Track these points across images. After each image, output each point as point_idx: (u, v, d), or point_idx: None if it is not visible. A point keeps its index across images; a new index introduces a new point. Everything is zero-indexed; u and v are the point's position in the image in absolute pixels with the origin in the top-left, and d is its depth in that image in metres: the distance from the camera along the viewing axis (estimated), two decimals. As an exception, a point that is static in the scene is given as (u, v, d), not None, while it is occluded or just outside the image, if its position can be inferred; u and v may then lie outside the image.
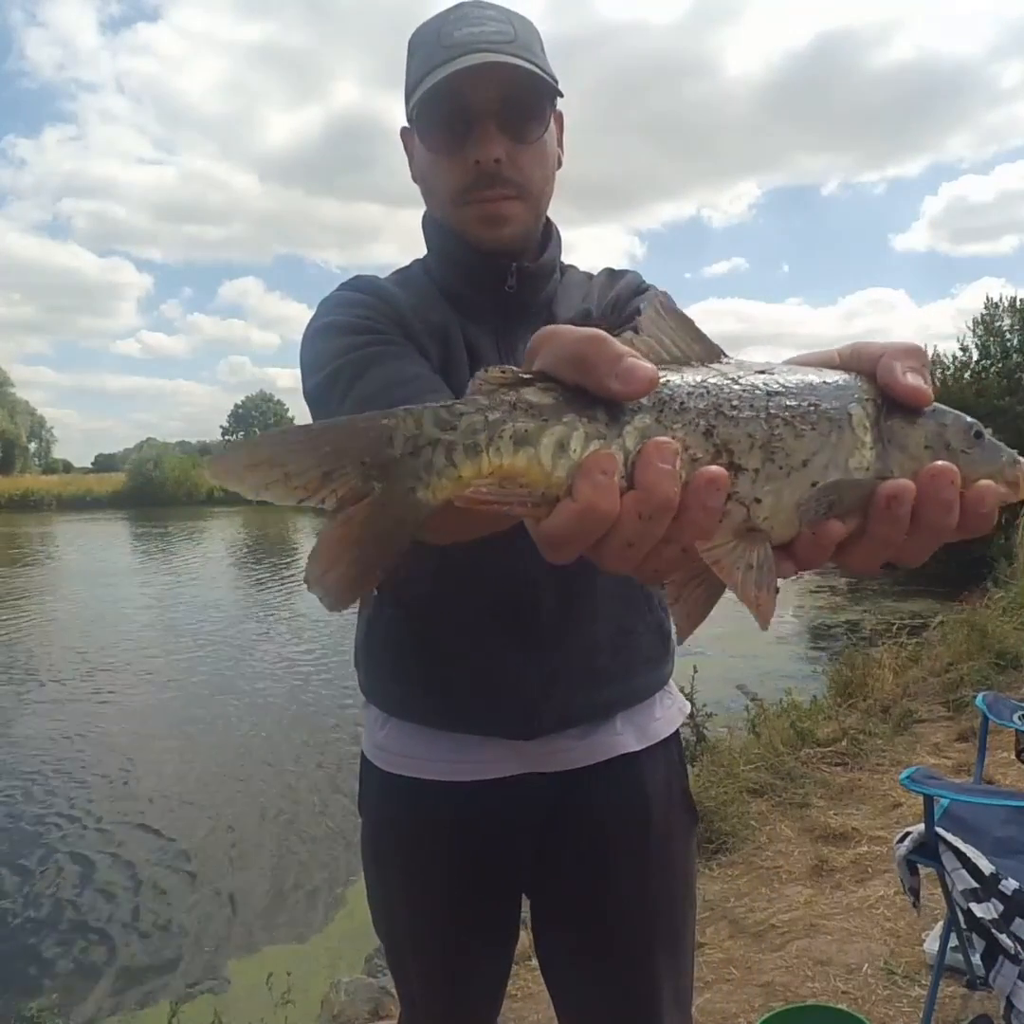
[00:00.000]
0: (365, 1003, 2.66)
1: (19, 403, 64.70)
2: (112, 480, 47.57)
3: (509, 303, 0.99)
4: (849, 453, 0.45)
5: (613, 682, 1.02)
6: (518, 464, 0.41)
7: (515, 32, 0.91)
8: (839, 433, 0.45)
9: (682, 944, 1.10)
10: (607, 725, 1.04)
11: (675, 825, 1.09)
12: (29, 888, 4.08)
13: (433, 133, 0.94)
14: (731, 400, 0.44)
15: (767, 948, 2.52)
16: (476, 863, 1.06)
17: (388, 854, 1.12)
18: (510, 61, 0.88)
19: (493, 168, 0.91)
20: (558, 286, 1.04)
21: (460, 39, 0.89)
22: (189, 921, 3.75)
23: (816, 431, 0.45)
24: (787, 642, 8.79)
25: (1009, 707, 2.40)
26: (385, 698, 1.09)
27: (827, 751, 3.83)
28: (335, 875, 4.05)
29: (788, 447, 0.44)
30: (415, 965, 1.12)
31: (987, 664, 4.81)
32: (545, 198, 0.99)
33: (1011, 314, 12.72)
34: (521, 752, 1.01)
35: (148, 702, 7.19)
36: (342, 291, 0.99)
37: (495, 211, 0.94)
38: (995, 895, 1.68)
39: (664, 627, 1.07)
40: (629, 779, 1.04)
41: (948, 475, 0.45)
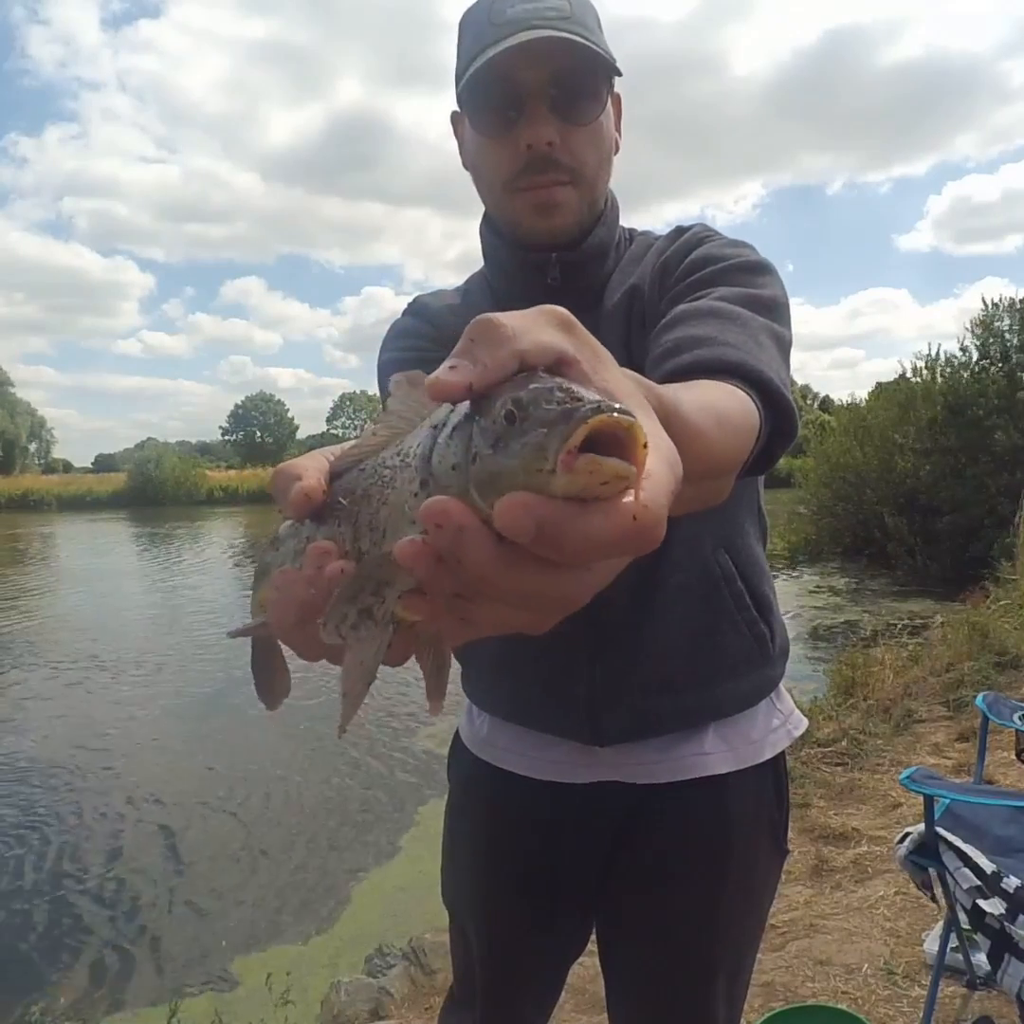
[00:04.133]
0: (365, 1003, 2.66)
1: (19, 403, 64.72)
2: (112, 480, 47.51)
3: (556, 295, 0.94)
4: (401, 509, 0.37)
5: (691, 688, 0.96)
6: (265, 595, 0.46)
7: (571, 7, 0.86)
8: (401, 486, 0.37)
9: (740, 978, 1.06)
10: (694, 740, 0.97)
11: (757, 859, 1.02)
12: (28, 887, 4.08)
13: (482, 116, 0.89)
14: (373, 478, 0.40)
15: (767, 948, 2.52)
16: (546, 862, 1.04)
17: (465, 830, 1.13)
18: (564, 36, 0.83)
19: (545, 151, 0.86)
20: (617, 264, 0.97)
21: (512, 16, 0.84)
22: (189, 921, 3.75)
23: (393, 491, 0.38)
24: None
25: (1009, 707, 2.40)
26: (473, 694, 1.11)
27: (827, 751, 3.83)
28: (336, 875, 4.05)
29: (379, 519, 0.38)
30: (478, 947, 1.11)
31: (987, 664, 4.81)
32: (601, 183, 0.93)
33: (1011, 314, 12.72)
34: (599, 758, 0.97)
35: (149, 701, 7.18)
36: (402, 318, 1.02)
37: (548, 198, 0.89)
38: (997, 893, 1.68)
39: (761, 627, 0.98)
40: (710, 804, 0.98)
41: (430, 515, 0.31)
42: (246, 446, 69.01)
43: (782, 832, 1.04)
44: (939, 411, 12.22)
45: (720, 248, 0.87)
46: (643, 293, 0.92)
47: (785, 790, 1.06)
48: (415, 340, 0.96)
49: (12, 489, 43.84)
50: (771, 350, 0.72)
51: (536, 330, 0.34)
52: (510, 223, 0.93)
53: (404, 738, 5.68)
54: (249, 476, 49.98)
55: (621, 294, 0.94)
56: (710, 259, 0.86)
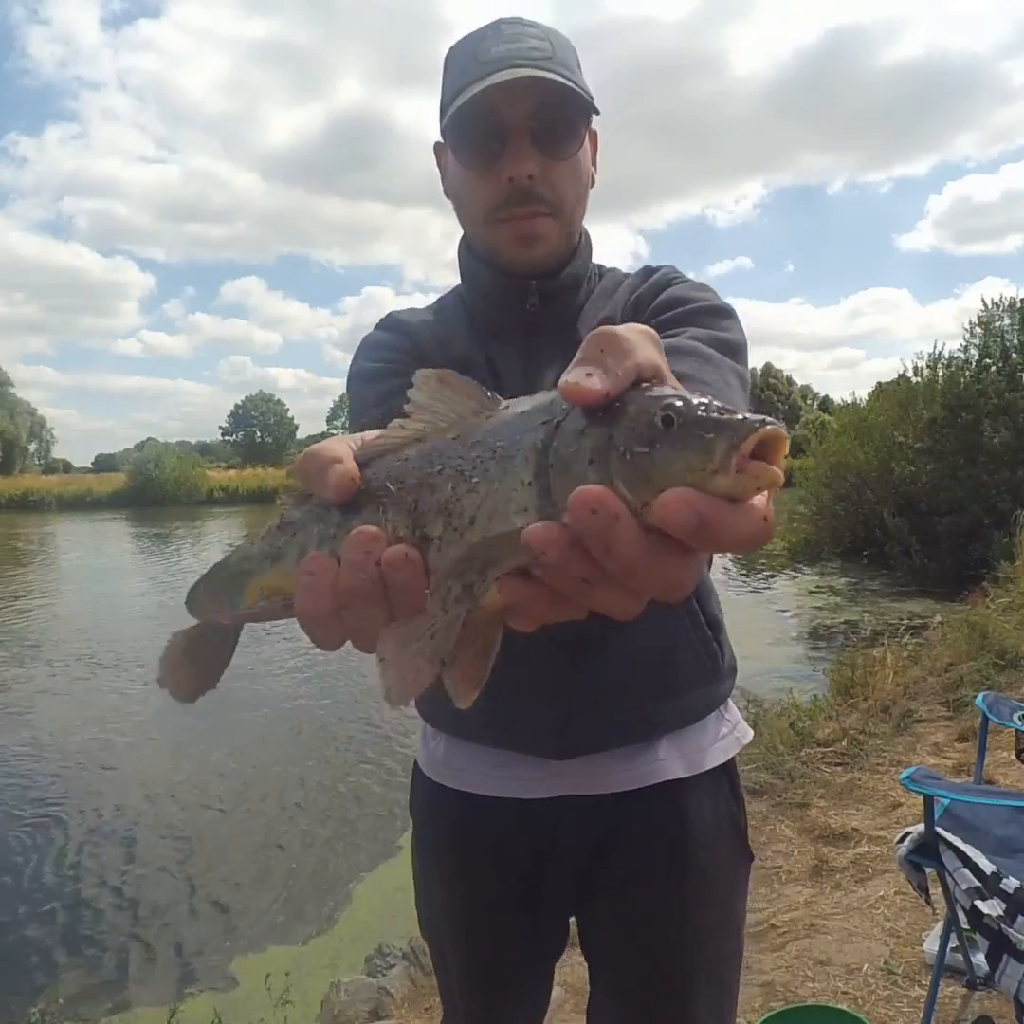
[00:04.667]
0: (365, 1003, 2.66)
1: (19, 403, 64.70)
2: (112, 480, 47.48)
3: (533, 322, 0.98)
4: (507, 496, 0.39)
5: (652, 701, 0.99)
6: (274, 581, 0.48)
7: (552, 48, 0.90)
8: (502, 475, 0.39)
9: (723, 980, 1.05)
10: (649, 750, 1.00)
11: (720, 860, 1.03)
12: (27, 886, 4.08)
13: (466, 149, 0.93)
14: (435, 465, 0.42)
15: (767, 948, 2.52)
16: (517, 879, 1.05)
17: (431, 860, 1.12)
18: (545, 76, 0.87)
19: (527, 184, 0.90)
20: (589, 297, 1.02)
21: (497, 55, 0.88)
22: (189, 921, 3.75)
23: (484, 480, 0.40)
24: (787, 642, 8.79)
25: (1009, 707, 2.40)
26: (431, 714, 1.11)
27: (827, 751, 3.83)
28: (336, 876, 4.05)
29: (461, 506, 0.41)
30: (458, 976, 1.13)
31: (987, 664, 4.81)
32: (578, 216, 0.97)
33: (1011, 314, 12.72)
34: (559, 772, 0.99)
35: (149, 699, 7.18)
36: (375, 331, 1.02)
37: (528, 229, 0.92)
38: (997, 894, 1.68)
39: (713, 646, 1.03)
40: (670, 808, 1.00)
41: (585, 499, 0.35)
42: (246, 446, 69.00)
43: (742, 831, 1.06)
44: (939, 411, 12.22)
45: (688, 291, 0.94)
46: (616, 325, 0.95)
47: (741, 795, 1.08)
48: (390, 352, 0.97)
49: (12, 489, 43.84)
50: (738, 391, 0.80)
51: (644, 346, 0.40)
52: (491, 252, 0.96)
53: (404, 738, 5.68)
54: (249, 476, 49.98)
55: (597, 322, 0.97)
56: (680, 300, 0.92)
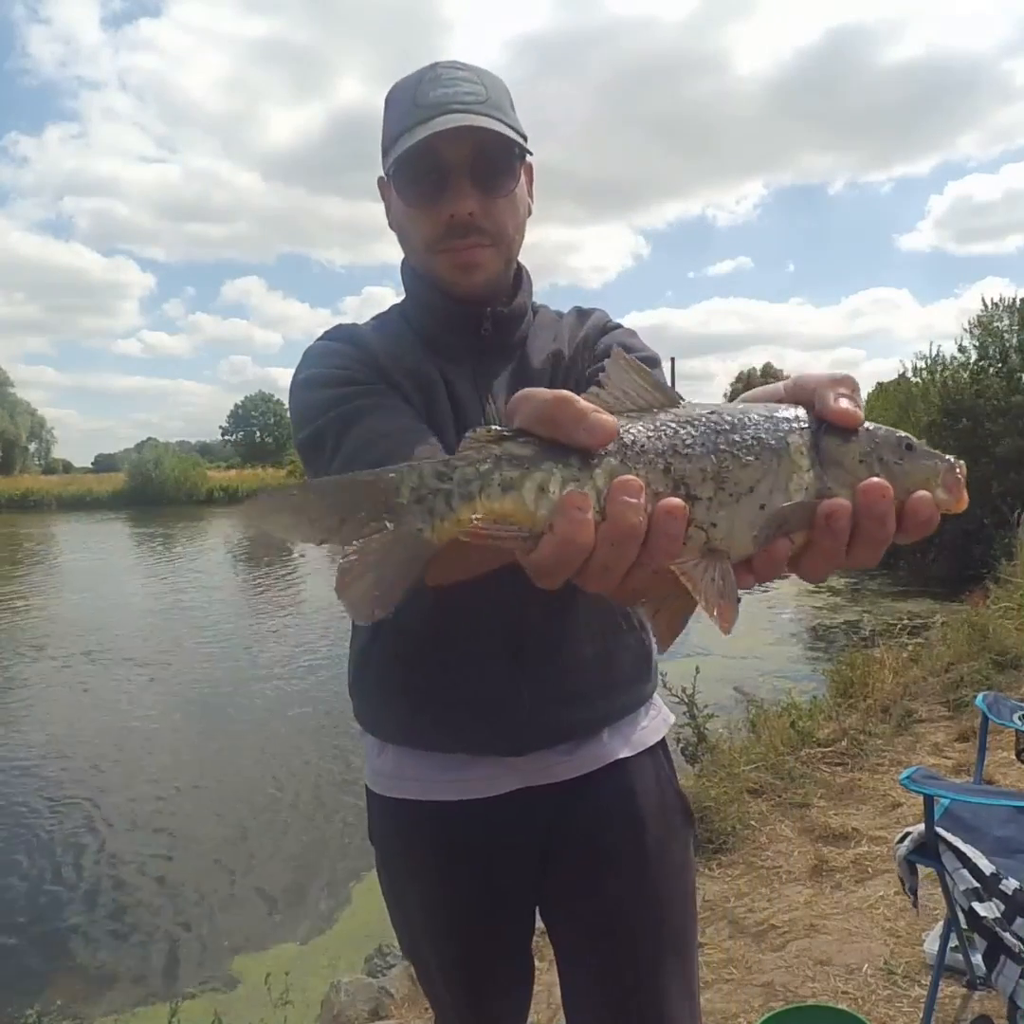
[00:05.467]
0: (365, 1003, 2.66)
1: (19, 403, 64.69)
2: (112, 480, 47.44)
3: (485, 345, 1.05)
4: (788, 477, 0.51)
5: (598, 700, 1.07)
6: (506, 506, 0.49)
7: (486, 92, 0.97)
8: (779, 460, 0.51)
9: (686, 939, 1.11)
10: (595, 740, 1.08)
11: (671, 825, 1.11)
12: (27, 885, 4.08)
13: (410, 189, 0.99)
14: (685, 440, 0.51)
15: (767, 948, 2.52)
16: (482, 879, 1.08)
17: (400, 877, 1.15)
18: (481, 124, 0.93)
19: (467, 220, 0.96)
20: (530, 327, 1.10)
21: (435, 100, 0.94)
22: (189, 921, 3.75)
23: (759, 460, 0.51)
24: (787, 642, 8.79)
25: (1009, 707, 2.40)
26: (379, 726, 1.12)
27: (827, 751, 3.83)
28: (336, 876, 4.05)
29: (735, 477, 0.51)
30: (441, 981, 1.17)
31: (987, 664, 4.81)
32: (516, 245, 1.04)
33: (1010, 314, 12.70)
34: (513, 768, 1.04)
35: (150, 698, 7.18)
36: (322, 341, 1.05)
37: (468, 258, 0.99)
38: (996, 895, 1.68)
39: (644, 648, 1.11)
40: (619, 784, 1.08)
41: (879, 489, 0.50)
42: (246, 446, 68.99)
43: (683, 798, 1.15)
44: (937, 412, 12.22)
45: (626, 338, 1.08)
46: (564, 358, 1.07)
47: (672, 765, 1.18)
48: (343, 359, 1.00)
49: (12, 489, 43.85)
50: None
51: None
52: (432, 278, 1.03)
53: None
54: (249, 476, 49.95)
55: (546, 356, 1.06)
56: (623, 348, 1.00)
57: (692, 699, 3.92)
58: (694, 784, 3.31)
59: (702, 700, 4.00)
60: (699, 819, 2.99)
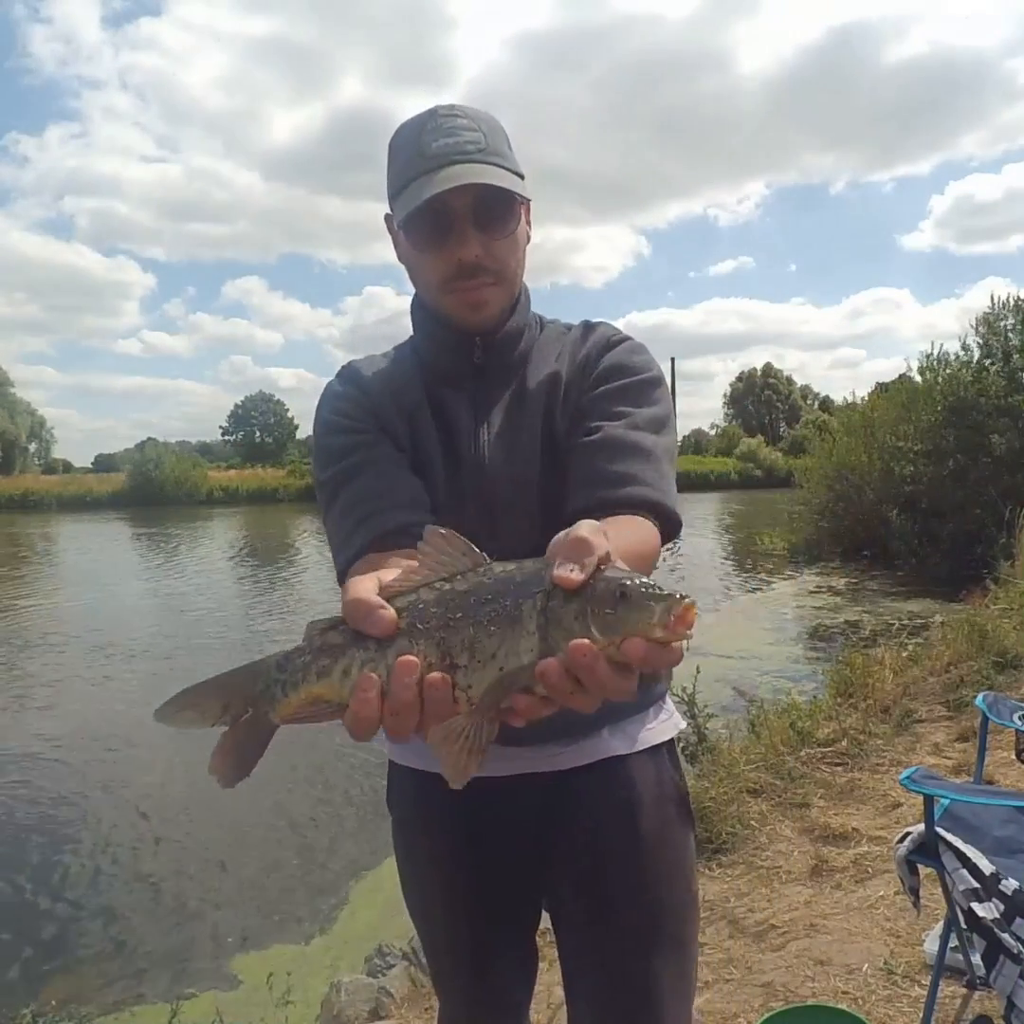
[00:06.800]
0: (365, 1003, 2.66)
1: (19, 403, 64.56)
2: (112, 480, 47.39)
3: (481, 372, 1.11)
4: (519, 642, 0.59)
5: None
6: (322, 690, 0.64)
7: (485, 139, 1.03)
8: (513, 627, 0.60)
9: (682, 939, 1.13)
10: (594, 735, 1.12)
11: (669, 819, 1.14)
12: (26, 885, 4.08)
13: (419, 235, 1.06)
14: (455, 613, 0.61)
15: (767, 948, 2.52)
16: (483, 851, 1.15)
17: (410, 840, 1.22)
18: (483, 179, 0.99)
19: (473, 262, 1.03)
20: (534, 344, 1.15)
21: (438, 150, 1.01)
22: (189, 921, 3.75)
23: (499, 629, 0.60)
24: (787, 642, 8.79)
25: (1009, 707, 2.40)
26: None
27: (827, 751, 3.83)
28: (336, 875, 4.05)
29: (482, 645, 0.60)
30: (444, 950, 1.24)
31: (987, 664, 4.81)
32: (518, 278, 1.11)
33: (1014, 313, 12.66)
34: (513, 756, 1.09)
35: (151, 698, 7.18)
36: (336, 382, 1.16)
37: (477, 298, 1.06)
38: (995, 895, 1.68)
39: None
40: (617, 777, 1.11)
41: (581, 648, 0.57)
42: (246, 446, 68.92)
43: (684, 795, 1.18)
44: (940, 412, 12.21)
45: (628, 356, 1.11)
46: (562, 380, 1.11)
47: (681, 770, 1.21)
48: (349, 405, 1.11)
49: (12, 489, 43.79)
50: (669, 475, 1.03)
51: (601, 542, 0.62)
52: (443, 316, 1.10)
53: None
54: (249, 476, 49.97)
55: (544, 378, 1.11)
56: (621, 369, 1.09)
57: (692, 699, 3.92)
58: (694, 784, 3.30)
59: (702, 700, 3.99)
60: (699, 819, 2.98)
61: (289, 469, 48.61)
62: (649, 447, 1.02)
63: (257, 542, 23.92)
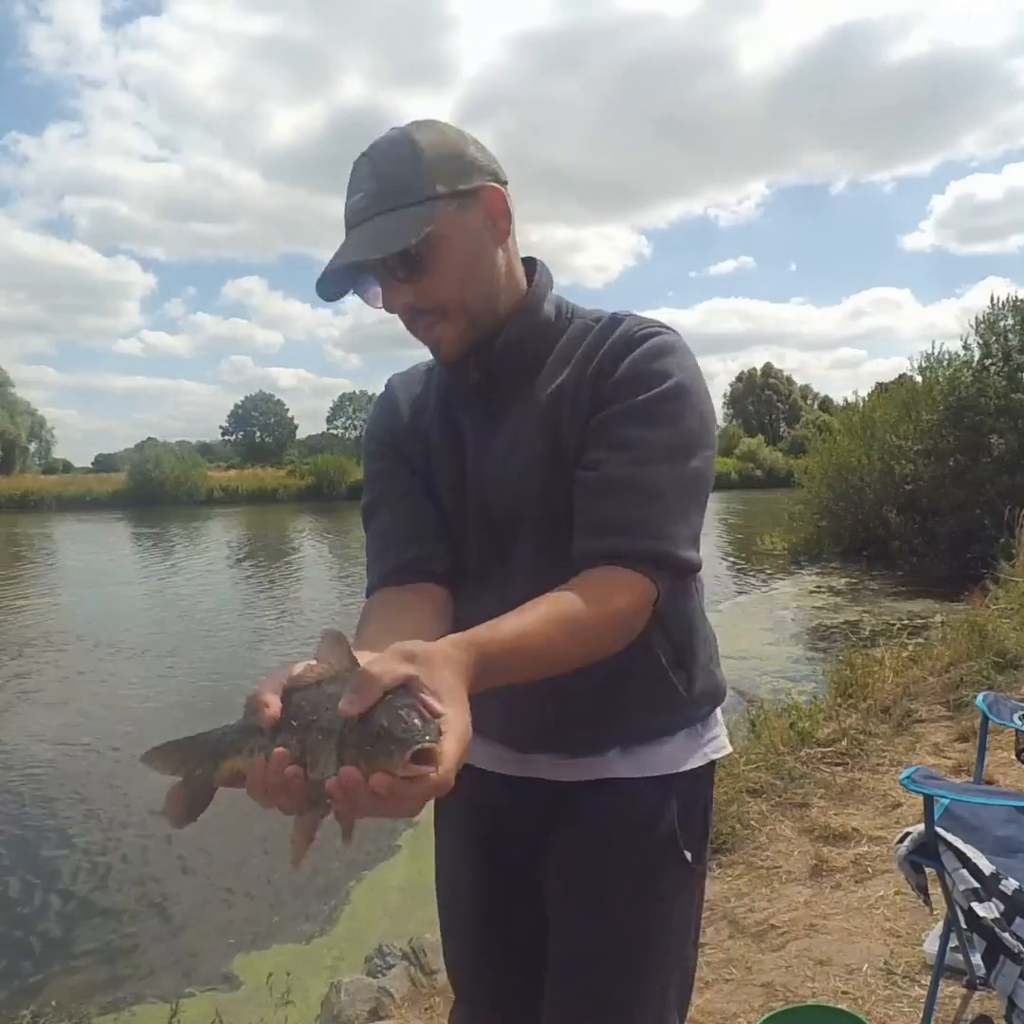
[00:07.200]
0: (365, 1003, 2.66)
1: (19, 403, 64.49)
2: (112, 480, 47.34)
3: (483, 392, 1.07)
4: (328, 756, 0.67)
5: (602, 722, 1.08)
6: (239, 765, 0.74)
7: (378, 184, 0.96)
8: (327, 742, 0.67)
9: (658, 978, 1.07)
10: (600, 756, 1.09)
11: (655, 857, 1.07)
12: (26, 884, 4.08)
13: (361, 295, 1.05)
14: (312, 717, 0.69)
15: (767, 948, 2.52)
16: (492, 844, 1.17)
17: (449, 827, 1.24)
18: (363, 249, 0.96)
19: (409, 309, 1.01)
20: (554, 346, 1.06)
21: (347, 213, 0.99)
22: (189, 921, 3.75)
23: (323, 739, 0.68)
24: (787, 642, 8.80)
25: (1009, 707, 2.40)
26: None
27: (827, 751, 3.83)
28: (336, 875, 4.05)
29: (314, 751, 0.68)
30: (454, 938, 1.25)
31: (987, 664, 4.80)
32: (478, 296, 1.02)
33: (1014, 314, 12.66)
34: (525, 759, 1.12)
35: (149, 699, 7.19)
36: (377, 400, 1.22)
37: (429, 339, 1.04)
38: (996, 895, 1.68)
39: (669, 677, 1.08)
40: (606, 800, 1.08)
41: (345, 774, 0.64)
42: (246, 446, 68.95)
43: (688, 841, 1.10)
44: (940, 412, 12.22)
45: (646, 363, 0.99)
46: (568, 394, 1.02)
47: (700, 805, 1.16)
48: (376, 429, 1.17)
49: (12, 489, 43.75)
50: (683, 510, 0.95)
51: (392, 670, 0.68)
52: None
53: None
54: (249, 476, 50.00)
55: (553, 388, 1.03)
56: (637, 382, 0.98)
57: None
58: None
59: (702, 700, 3.99)
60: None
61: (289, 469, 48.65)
62: (657, 483, 0.94)
63: (257, 542, 23.93)
